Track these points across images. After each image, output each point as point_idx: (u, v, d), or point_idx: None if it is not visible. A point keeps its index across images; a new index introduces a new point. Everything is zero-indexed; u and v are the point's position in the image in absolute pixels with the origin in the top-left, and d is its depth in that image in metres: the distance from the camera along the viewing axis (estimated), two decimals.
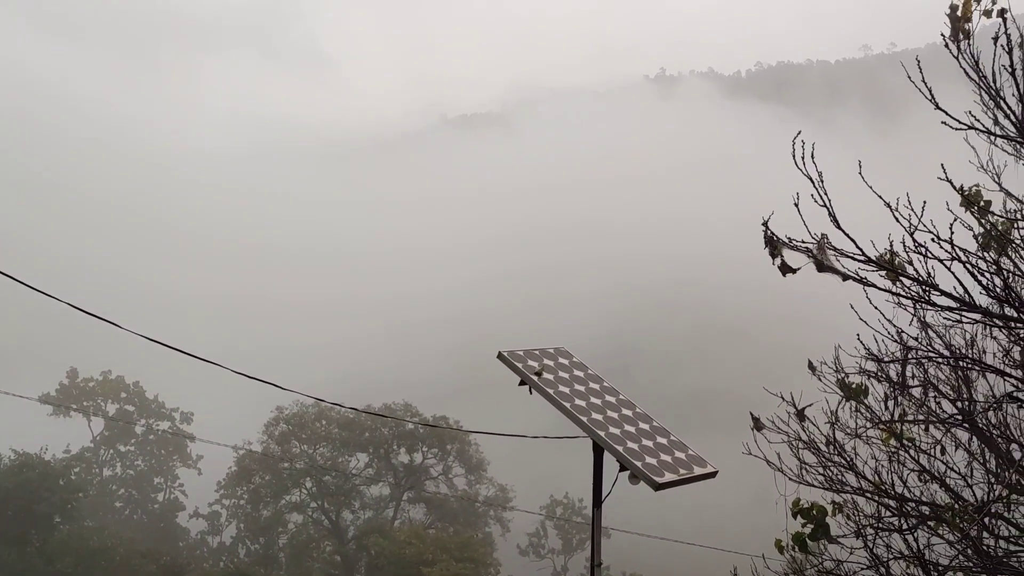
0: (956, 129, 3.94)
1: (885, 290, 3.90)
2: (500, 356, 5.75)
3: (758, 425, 7.12)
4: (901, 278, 4.03)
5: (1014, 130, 3.88)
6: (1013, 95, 3.91)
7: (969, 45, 5.69)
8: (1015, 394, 3.93)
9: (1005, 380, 4.21)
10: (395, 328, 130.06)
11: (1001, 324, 3.99)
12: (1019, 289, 4.70)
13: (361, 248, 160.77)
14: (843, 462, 6.81)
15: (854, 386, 6.90)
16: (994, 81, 4.08)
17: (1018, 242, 6.35)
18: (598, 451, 5.41)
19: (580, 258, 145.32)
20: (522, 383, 5.66)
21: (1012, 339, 4.44)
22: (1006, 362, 5.22)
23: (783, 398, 7.44)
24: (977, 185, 6.76)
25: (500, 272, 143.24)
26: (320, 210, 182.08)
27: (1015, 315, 3.56)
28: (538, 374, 5.64)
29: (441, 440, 53.60)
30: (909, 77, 4.10)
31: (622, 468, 5.21)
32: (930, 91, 4.02)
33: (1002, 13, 6.15)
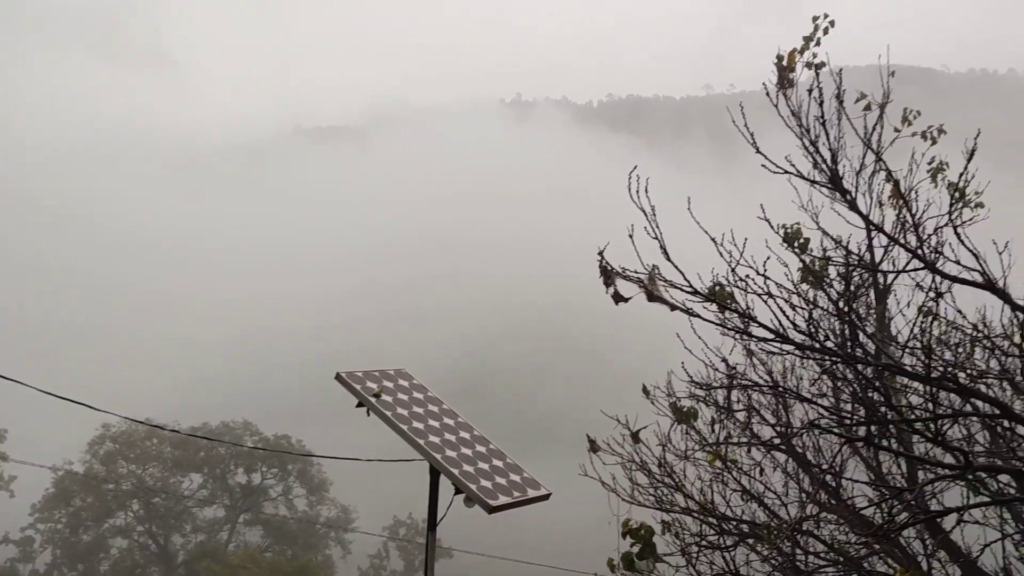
0: (774, 173, 4.20)
1: (709, 321, 4.09)
2: (338, 377, 5.63)
3: (594, 447, 7.31)
4: (726, 310, 4.24)
5: (827, 178, 4.18)
6: (823, 144, 4.21)
7: (795, 93, 6.13)
8: (819, 422, 4.21)
9: (814, 408, 4.51)
10: (248, 336, 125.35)
11: (809, 357, 4.27)
12: (828, 324, 5.04)
13: (209, 246, 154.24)
14: (672, 483, 7.10)
15: (685, 410, 7.21)
16: (811, 130, 4.38)
17: (832, 278, 6.86)
18: (434, 474, 5.39)
19: (436, 275, 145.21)
20: (360, 405, 5.57)
21: (820, 370, 4.78)
22: (813, 391, 5.59)
23: (619, 420, 7.67)
24: (798, 223, 7.27)
25: (354, 285, 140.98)
26: (163, 212, 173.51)
27: (820, 348, 3.82)
28: (376, 396, 5.56)
29: (282, 459, 51.87)
30: (733, 121, 4.35)
31: (457, 491, 5.21)
32: (751, 136, 4.28)
33: (819, 67, 6.66)
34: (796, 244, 7.35)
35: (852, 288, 7.21)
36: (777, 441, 6.56)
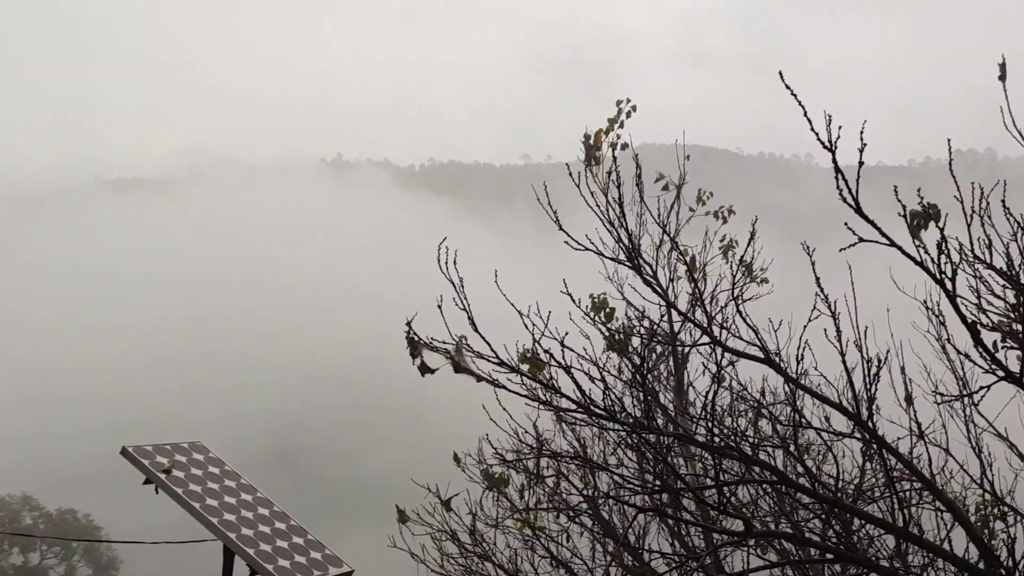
0: (576, 250, 4.35)
1: (515, 392, 4.14)
2: (124, 452, 5.20)
3: (403, 517, 7.17)
4: (533, 379, 4.31)
5: (626, 255, 4.38)
6: (622, 225, 4.43)
7: (601, 171, 6.44)
8: (617, 491, 4.34)
9: (615, 475, 4.65)
10: (32, 402, 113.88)
11: (607, 428, 4.41)
12: (631, 393, 5.23)
13: None
14: (482, 551, 7.06)
15: (496, 476, 7.23)
16: (609, 209, 4.59)
17: (634, 348, 7.18)
18: (228, 554, 5.06)
19: (245, 340, 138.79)
20: (148, 481, 5.17)
21: (618, 440, 4.96)
22: (618, 458, 5.77)
23: (429, 489, 7.58)
24: (604, 294, 7.58)
25: (157, 348, 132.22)
26: None
27: (616, 419, 3.95)
28: (167, 471, 5.18)
29: (66, 536, 47.28)
30: (537, 198, 4.49)
31: (252, 572, 4.91)
32: (555, 213, 4.43)
33: (623, 147, 7.06)
34: (602, 314, 7.67)
35: (653, 358, 7.60)
36: (584, 507, 6.69)
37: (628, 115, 7.13)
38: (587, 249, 4.34)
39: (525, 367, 4.53)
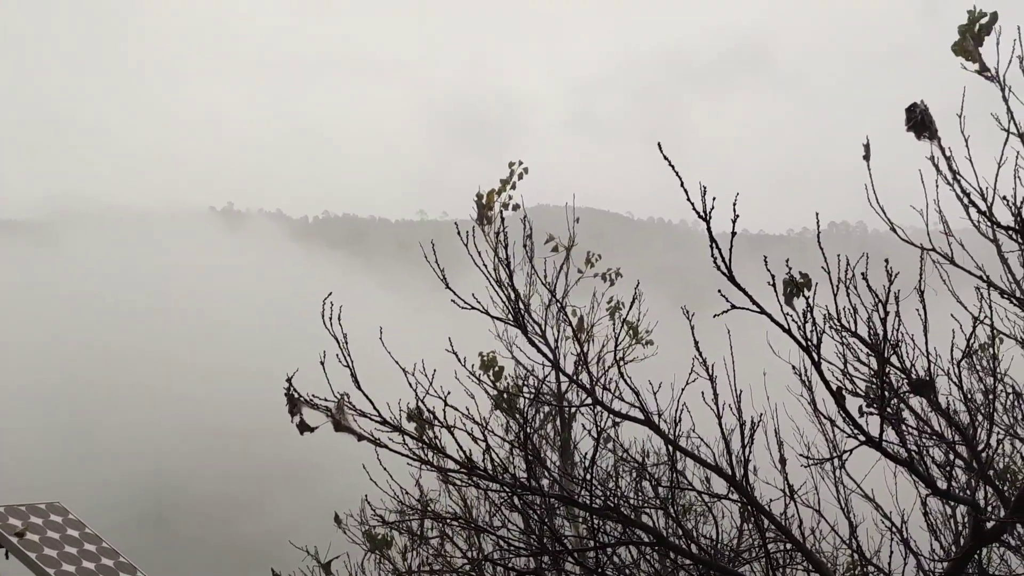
0: (462, 308, 4.36)
1: (396, 452, 4.06)
2: None
3: None
4: (416, 439, 4.25)
5: (512, 315, 4.41)
6: (507, 283, 4.47)
7: (491, 231, 6.51)
8: (500, 553, 4.30)
9: (497, 538, 4.59)
10: None
11: (490, 489, 4.38)
12: (515, 458, 5.21)
13: None
14: None
15: (379, 538, 7.06)
16: (496, 269, 4.62)
17: (518, 408, 7.20)
18: None
19: (119, 390, 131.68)
20: None
21: (500, 502, 4.90)
22: (496, 522, 5.71)
23: (308, 552, 7.32)
24: (493, 352, 7.61)
25: (20, 398, 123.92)
26: None
27: (498, 479, 3.93)
28: (20, 534, 4.81)
29: None
30: (425, 257, 4.49)
31: None
32: (442, 271, 4.43)
33: (515, 208, 7.17)
34: (491, 372, 7.68)
35: (540, 418, 7.63)
36: (468, 569, 6.58)
37: (520, 177, 7.29)
38: (473, 308, 4.35)
39: (413, 426, 4.47)
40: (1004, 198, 3.26)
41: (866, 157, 4.14)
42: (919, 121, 3.39)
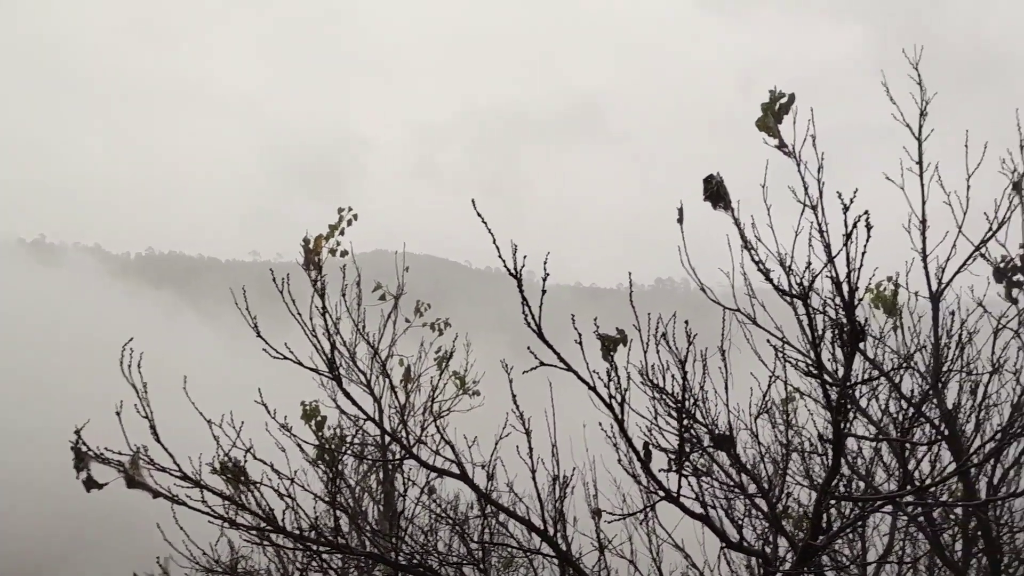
0: (274, 358, 4.19)
1: (195, 508, 3.81)
2: None
3: None
4: (218, 494, 4.00)
5: (326, 365, 4.28)
6: (323, 333, 4.35)
7: (321, 276, 6.35)
8: None
9: None
10: None
11: (297, 547, 4.20)
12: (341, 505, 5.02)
13: None
14: None
15: None
16: (312, 318, 4.49)
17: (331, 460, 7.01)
18: None
19: None
20: None
21: (308, 560, 4.71)
22: None
23: None
24: (316, 401, 7.36)
25: None
26: None
27: (302, 537, 3.76)
28: None
29: None
30: (236, 304, 4.30)
31: None
32: (254, 319, 4.25)
33: (343, 254, 7.03)
34: (313, 423, 7.41)
35: (362, 470, 7.43)
36: None
37: (349, 223, 7.16)
38: (285, 358, 4.19)
39: (225, 479, 4.21)
40: (789, 267, 3.49)
41: (679, 220, 4.34)
42: (715, 192, 3.60)
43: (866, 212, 2.94)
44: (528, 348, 3.25)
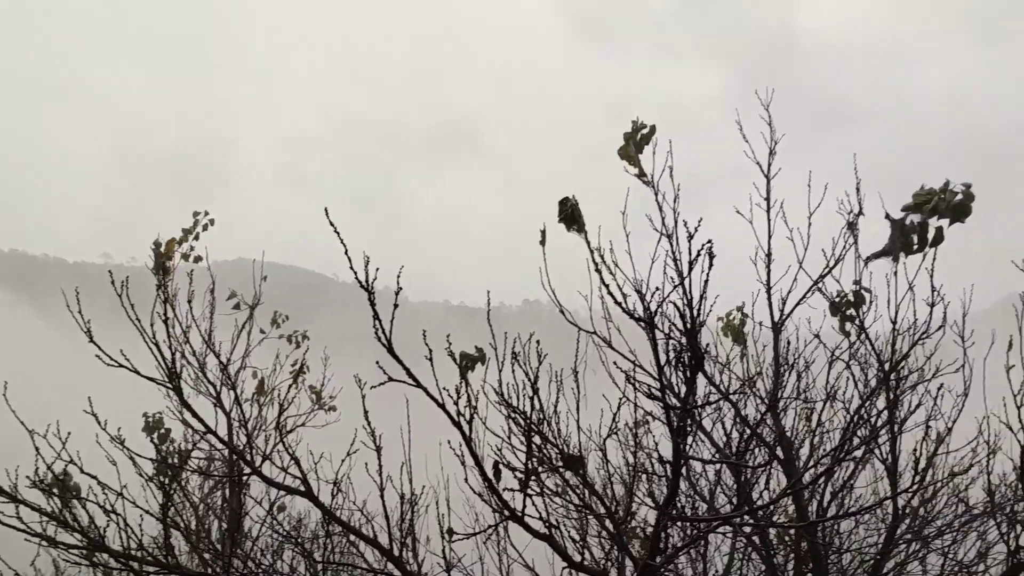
0: (108, 365, 3.94)
1: (9, 526, 3.51)
2: None
3: None
4: (36, 510, 3.71)
5: (166, 375, 4.06)
6: (164, 341, 4.13)
7: (165, 280, 6.04)
8: None
9: None
10: None
11: (125, 567, 3.94)
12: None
13: None
14: None
15: None
16: (152, 324, 4.26)
17: (192, 471, 6.67)
18: None
19: None
20: None
21: None
22: None
23: None
24: (160, 413, 6.98)
25: None
26: None
27: (128, 556, 3.53)
28: None
29: None
30: (67, 306, 4.03)
31: None
32: (88, 324, 3.99)
33: (197, 260, 6.74)
34: (156, 435, 7.03)
35: (206, 487, 7.09)
36: None
37: (205, 228, 6.88)
38: (121, 366, 3.94)
39: (46, 494, 3.91)
40: (639, 291, 3.59)
41: (542, 242, 4.38)
42: (569, 214, 3.66)
43: (709, 241, 3.05)
44: (377, 363, 3.19)
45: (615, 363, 4.35)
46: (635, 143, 4.68)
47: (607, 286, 3.62)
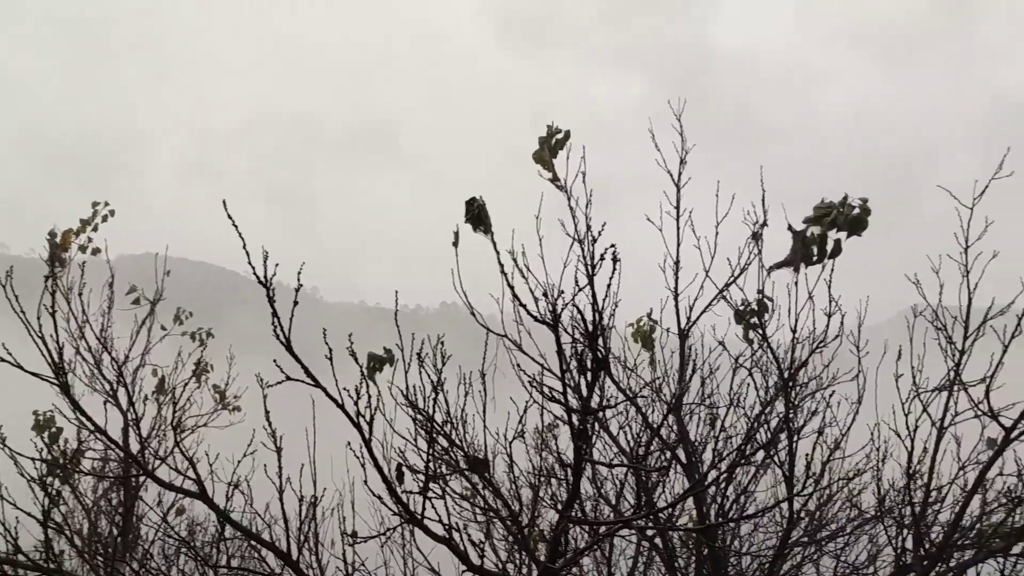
0: None
1: None
2: None
3: None
4: None
5: (52, 370, 3.88)
6: (51, 335, 3.95)
7: (68, 273, 5.78)
8: None
9: None
10: None
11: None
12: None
13: None
14: None
15: None
16: (39, 316, 4.07)
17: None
18: None
19: None
20: None
21: None
22: None
23: None
24: (51, 411, 6.67)
25: None
26: None
27: (32, 566, 3.36)
28: None
29: None
30: None
31: None
32: None
33: (95, 252, 6.48)
34: (46, 435, 6.71)
35: (100, 490, 6.81)
36: None
37: (105, 219, 6.61)
38: (2, 360, 3.74)
39: None
40: (545, 294, 3.60)
41: (455, 244, 4.35)
42: (476, 215, 3.65)
43: (613, 246, 3.08)
44: (275, 361, 3.11)
45: (517, 365, 4.35)
46: (549, 148, 4.69)
47: (512, 288, 3.61)
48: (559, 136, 4.72)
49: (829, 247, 4.21)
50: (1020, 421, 4.68)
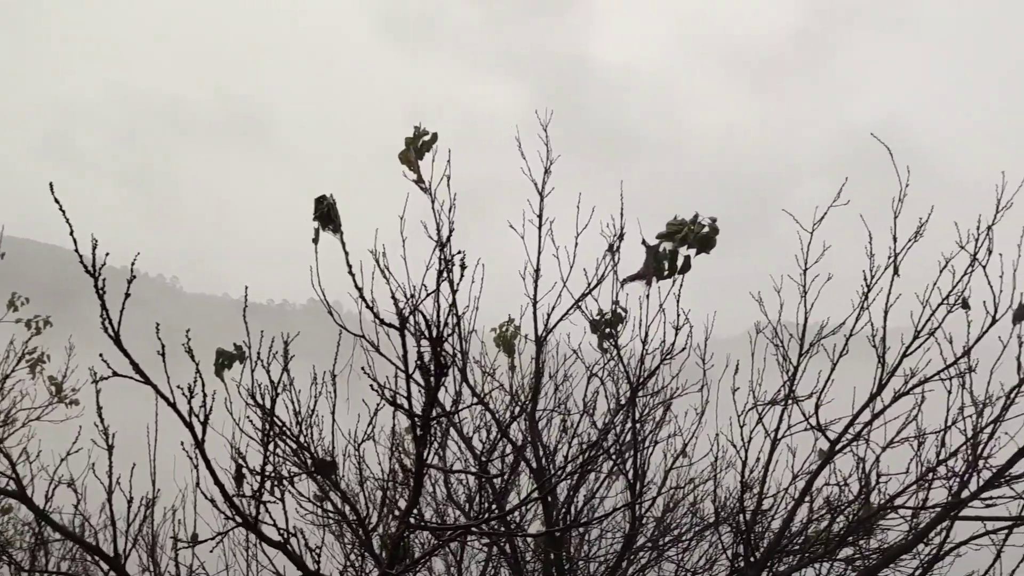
0: None
1: None
2: None
3: None
4: None
5: None
6: None
7: None
8: None
9: None
10: None
11: None
12: None
13: None
14: None
15: None
16: None
17: None
18: None
19: None
20: None
21: None
22: None
23: None
24: None
25: None
26: None
27: None
28: None
29: None
30: None
31: None
32: None
33: None
34: None
35: None
36: None
37: None
38: None
39: None
40: (393, 297, 3.59)
41: (315, 240, 4.26)
42: (325, 213, 3.59)
43: (461, 252, 3.10)
44: (101, 355, 2.94)
45: (369, 367, 4.31)
46: (416, 149, 4.66)
47: (360, 289, 3.57)
48: (426, 138, 4.70)
49: (679, 263, 4.38)
50: (844, 435, 5.00)
